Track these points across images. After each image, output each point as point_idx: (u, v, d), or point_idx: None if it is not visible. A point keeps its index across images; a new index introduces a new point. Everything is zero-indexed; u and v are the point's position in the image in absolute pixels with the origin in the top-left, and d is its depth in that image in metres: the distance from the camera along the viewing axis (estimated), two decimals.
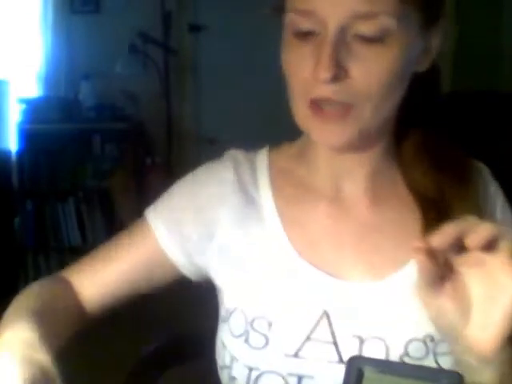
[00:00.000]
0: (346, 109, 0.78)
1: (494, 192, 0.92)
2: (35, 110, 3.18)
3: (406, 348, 0.84)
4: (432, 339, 0.84)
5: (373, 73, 0.77)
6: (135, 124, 3.29)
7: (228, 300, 0.91)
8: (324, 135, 0.82)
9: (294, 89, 0.82)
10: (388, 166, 0.89)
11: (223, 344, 0.90)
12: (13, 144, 3.21)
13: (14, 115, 3.21)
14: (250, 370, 0.86)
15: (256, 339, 0.86)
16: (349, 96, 0.78)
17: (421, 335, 0.85)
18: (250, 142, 0.98)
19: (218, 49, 3.32)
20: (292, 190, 0.91)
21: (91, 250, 0.94)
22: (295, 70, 0.80)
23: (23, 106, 3.21)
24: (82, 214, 3.21)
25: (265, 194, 0.91)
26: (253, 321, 0.87)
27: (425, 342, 0.84)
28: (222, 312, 0.92)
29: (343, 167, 0.88)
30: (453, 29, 3.23)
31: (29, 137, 3.17)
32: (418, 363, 0.84)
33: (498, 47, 3.13)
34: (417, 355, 0.84)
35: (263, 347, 0.86)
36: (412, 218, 0.88)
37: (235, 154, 0.94)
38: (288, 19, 0.79)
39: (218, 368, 0.94)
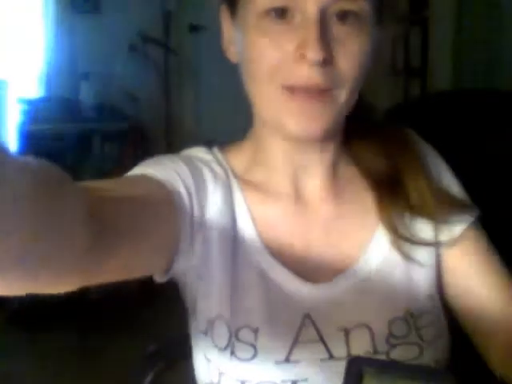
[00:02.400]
0: (323, 94, 0.76)
1: (430, 153, 0.93)
2: (35, 111, 3.19)
3: (389, 329, 0.85)
4: (412, 315, 0.86)
5: (353, 55, 0.76)
6: (135, 124, 3.29)
7: (208, 310, 0.88)
8: (301, 123, 0.79)
9: (262, 74, 0.78)
10: (342, 159, 0.90)
11: (207, 359, 0.88)
12: (13, 144, 3.21)
13: (14, 116, 3.21)
14: (242, 383, 0.85)
15: (243, 351, 0.84)
16: (330, 80, 0.76)
17: (401, 313, 0.86)
18: None
19: (218, 49, 3.35)
20: (255, 193, 0.90)
21: None
22: (265, 53, 0.77)
23: (23, 107, 3.21)
24: None
25: (236, 192, 0.89)
26: (237, 331, 0.85)
27: (406, 320, 0.86)
28: (200, 324, 0.89)
29: (302, 165, 0.88)
30: (454, 26, 3.27)
31: (29, 137, 3.17)
32: (402, 342, 0.86)
33: (499, 46, 3.13)
34: (400, 334, 0.86)
35: (252, 358, 0.84)
36: (370, 201, 0.90)
37: (200, 149, 0.91)
38: None
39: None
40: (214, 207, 0.88)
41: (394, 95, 3.29)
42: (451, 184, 0.91)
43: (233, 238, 0.88)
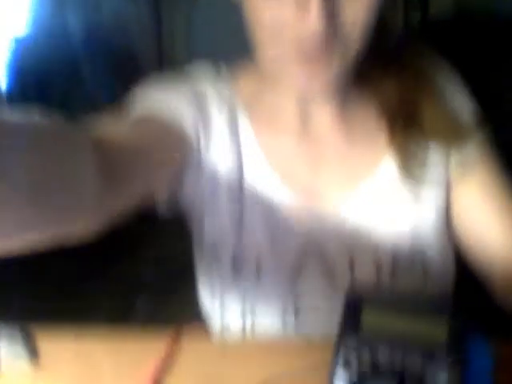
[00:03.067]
0: (329, 48, 0.73)
1: (458, 92, 0.91)
2: (24, 48, 3.13)
3: (394, 249, 0.87)
4: (417, 239, 0.88)
5: (360, 10, 0.73)
6: (126, 57, 3.22)
7: (212, 239, 0.89)
8: (307, 82, 0.76)
9: (264, 35, 0.75)
10: (354, 89, 0.88)
11: (210, 285, 0.90)
12: (3, 83, 3.17)
13: (3, 54, 3.15)
14: (244, 307, 0.86)
15: (246, 278, 0.86)
16: (336, 33, 0.72)
17: (407, 233, 0.88)
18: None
19: None
20: (263, 118, 0.89)
21: None
22: (265, 16, 0.73)
23: (11, 45, 3.16)
24: None
25: (242, 116, 0.89)
26: (241, 259, 0.86)
27: (411, 244, 0.88)
28: (205, 251, 0.91)
29: (308, 106, 0.86)
30: None
31: (18, 74, 3.12)
32: (407, 269, 0.88)
33: None
34: (405, 259, 0.88)
35: (255, 285, 0.86)
36: (381, 127, 0.89)
37: (206, 67, 0.92)
38: None
39: (206, 310, 0.94)
40: (218, 133, 0.87)
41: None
42: (465, 106, 0.90)
43: (239, 163, 0.88)
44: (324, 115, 0.87)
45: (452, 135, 0.87)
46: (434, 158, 0.88)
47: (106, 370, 0.79)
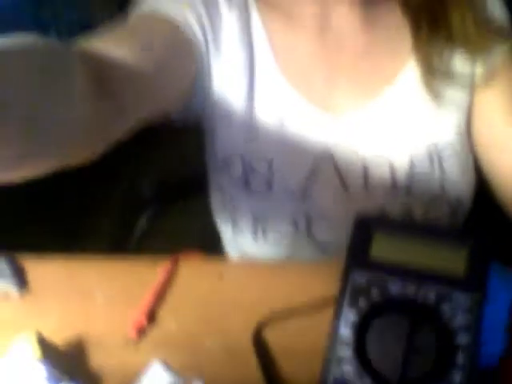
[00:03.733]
0: None
1: None
2: None
3: (411, 163, 0.83)
4: (436, 148, 0.84)
5: None
6: None
7: (225, 143, 0.85)
8: None
9: None
10: None
11: (223, 194, 0.87)
12: None
13: None
14: (256, 216, 0.84)
15: (258, 183, 0.83)
16: None
17: (425, 147, 0.83)
18: None
19: None
20: (277, 17, 0.83)
21: None
22: None
23: None
24: None
25: (254, 18, 0.83)
26: (251, 162, 0.82)
27: (429, 154, 0.84)
28: (217, 161, 0.86)
29: None
30: None
31: None
32: (424, 177, 0.83)
33: None
34: (423, 169, 0.84)
35: (266, 191, 0.83)
36: (405, 31, 0.83)
37: None
38: None
39: (219, 219, 0.91)
40: (229, 34, 0.81)
41: None
42: (495, 10, 0.83)
43: (250, 67, 0.82)
44: (345, 14, 0.81)
45: (480, 41, 0.80)
46: (459, 64, 0.82)
47: (98, 297, 0.75)
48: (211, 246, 0.99)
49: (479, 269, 0.54)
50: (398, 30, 0.84)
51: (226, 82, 0.82)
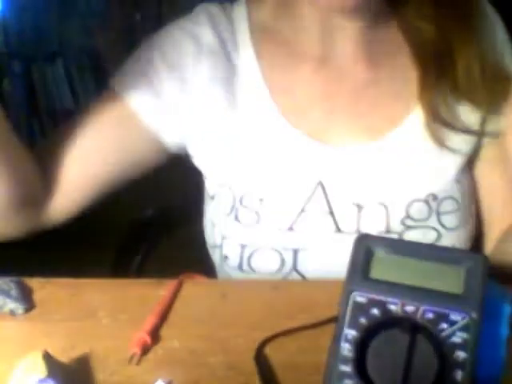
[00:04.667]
0: None
1: (502, 39, 0.84)
2: None
3: (407, 210, 0.82)
4: (435, 198, 0.82)
5: None
6: None
7: (213, 178, 0.86)
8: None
9: None
10: (384, 19, 0.81)
11: (212, 223, 0.87)
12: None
13: None
14: (243, 247, 0.83)
15: (247, 216, 0.83)
16: None
17: (423, 195, 0.81)
18: None
19: None
20: (276, 51, 0.82)
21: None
22: None
23: None
24: (72, 75, 3.11)
25: (246, 55, 0.82)
26: (242, 198, 0.83)
27: (427, 202, 0.82)
28: (209, 191, 0.88)
29: (334, 22, 0.79)
30: None
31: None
32: (419, 225, 0.82)
33: None
34: (419, 216, 0.82)
35: (255, 223, 0.82)
36: (410, 74, 0.82)
37: (210, 8, 0.84)
38: None
39: (209, 248, 0.92)
40: (200, 80, 0.83)
41: None
42: (509, 61, 0.82)
43: (230, 104, 0.82)
44: (347, 49, 0.80)
45: (486, 94, 0.79)
46: (467, 114, 0.81)
47: (103, 317, 0.76)
48: (212, 272, 1.00)
49: (476, 287, 0.55)
50: (403, 71, 0.82)
51: (205, 125, 0.84)
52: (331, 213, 0.82)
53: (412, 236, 0.82)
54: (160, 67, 0.82)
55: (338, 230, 0.82)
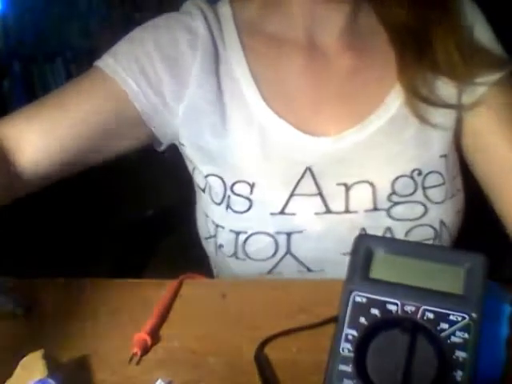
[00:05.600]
0: None
1: (476, 21, 0.85)
2: None
3: (392, 186, 0.84)
4: (419, 173, 0.84)
5: None
6: None
7: (202, 169, 0.86)
8: None
9: None
10: (364, 6, 0.84)
11: (205, 214, 0.88)
12: None
13: None
14: (237, 234, 0.85)
15: (238, 204, 0.84)
16: None
17: (408, 171, 0.84)
18: None
19: None
20: (262, 47, 0.85)
21: None
22: None
23: None
24: (72, 75, 3.11)
25: (233, 50, 0.85)
26: (233, 186, 0.84)
27: (412, 177, 0.84)
28: (199, 183, 0.88)
29: (319, 13, 0.82)
30: None
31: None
32: (405, 200, 0.84)
33: None
34: (405, 192, 0.84)
35: (247, 210, 0.83)
36: (390, 57, 0.85)
37: (200, 4, 0.86)
38: None
39: (202, 240, 0.92)
40: (193, 69, 0.83)
41: None
42: (484, 36, 0.84)
43: (220, 97, 0.83)
44: (332, 38, 0.83)
45: (465, 70, 0.81)
46: (445, 90, 0.84)
47: (103, 316, 0.76)
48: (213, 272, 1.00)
49: (476, 288, 0.55)
50: (383, 55, 0.85)
51: (196, 114, 0.84)
52: (320, 194, 0.84)
53: (399, 211, 0.84)
54: (153, 52, 0.84)
55: (328, 210, 0.84)
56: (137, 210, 1.21)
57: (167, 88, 0.83)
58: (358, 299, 0.58)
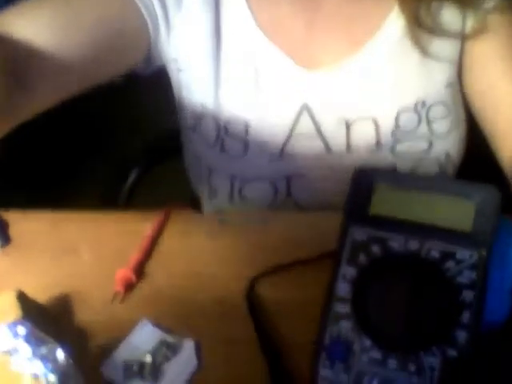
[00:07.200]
0: None
1: None
2: None
3: (396, 121, 0.80)
4: (423, 104, 0.80)
5: None
6: None
7: (194, 102, 0.81)
8: None
9: None
10: None
11: (196, 156, 0.83)
12: None
13: None
14: (233, 178, 0.80)
15: (233, 146, 0.79)
16: None
17: (412, 102, 0.80)
18: None
19: None
20: None
21: None
22: None
23: None
24: None
25: None
26: (226, 126, 0.79)
27: (416, 110, 0.80)
28: (189, 121, 0.82)
29: None
30: None
31: None
32: (410, 135, 0.80)
33: None
34: (409, 126, 0.80)
35: (243, 153, 0.79)
36: None
37: None
38: None
39: (194, 184, 0.88)
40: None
41: None
42: None
43: (217, 22, 0.77)
44: None
45: None
46: (448, 16, 0.78)
47: (85, 252, 0.72)
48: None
49: (487, 224, 0.51)
50: None
51: (190, 41, 0.78)
52: (319, 133, 0.79)
53: (403, 148, 0.80)
54: None
55: (329, 149, 0.80)
56: (128, 138, 1.16)
57: (171, 12, 0.76)
58: (357, 235, 0.54)
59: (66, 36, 0.66)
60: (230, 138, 0.80)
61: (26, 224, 0.75)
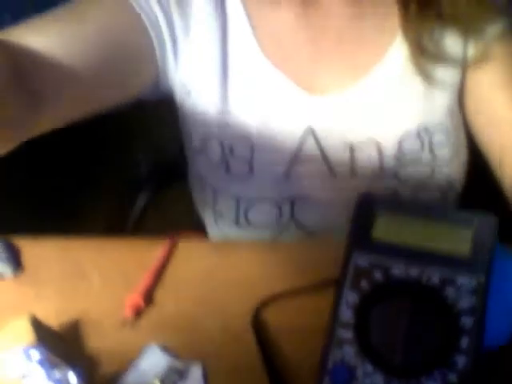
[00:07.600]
0: None
1: None
2: None
3: (400, 145, 0.80)
4: (426, 130, 0.81)
5: None
6: None
7: (200, 126, 0.82)
8: None
9: None
10: None
11: (202, 178, 0.84)
12: None
13: None
14: (238, 200, 0.81)
15: (238, 167, 0.80)
16: None
17: (414, 128, 0.80)
18: None
19: None
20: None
21: None
22: None
23: None
24: None
25: (233, 4, 0.79)
26: (231, 147, 0.80)
27: (419, 136, 0.81)
28: (195, 143, 0.84)
29: None
30: None
31: None
32: (413, 160, 0.81)
33: None
34: (412, 151, 0.81)
35: (248, 175, 0.80)
36: (393, 7, 0.80)
37: None
38: None
39: (199, 208, 0.89)
40: (200, 17, 0.78)
41: None
42: None
43: (224, 48, 0.79)
44: None
45: (471, 21, 0.77)
46: (450, 43, 0.80)
47: (95, 278, 0.73)
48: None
49: (484, 250, 0.52)
50: (385, 5, 0.80)
51: (197, 66, 0.79)
52: (324, 156, 0.81)
53: (406, 173, 0.81)
54: None
55: (333, 173, 0.81)
56: (132, 164, 1.17)
57: (178, 32, 0.77)
58: (360, 261, 0.55)
59: (76, 49, 0.67)
60: (235, 160, 0.81)
61: (36, 250, 0.77)
